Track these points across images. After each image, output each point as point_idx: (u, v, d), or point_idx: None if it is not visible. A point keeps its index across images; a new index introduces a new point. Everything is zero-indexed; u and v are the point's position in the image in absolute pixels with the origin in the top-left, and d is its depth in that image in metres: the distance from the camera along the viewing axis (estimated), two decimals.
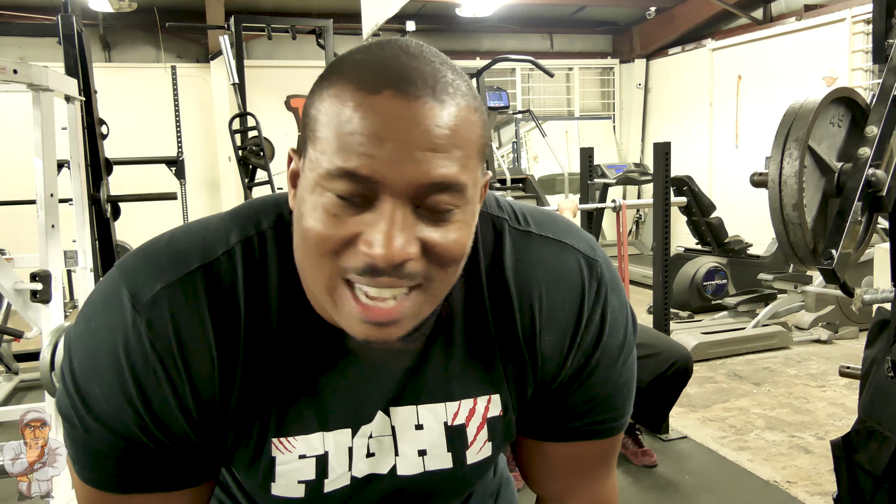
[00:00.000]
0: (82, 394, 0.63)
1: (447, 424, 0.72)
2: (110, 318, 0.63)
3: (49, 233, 2.65)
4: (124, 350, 0.62)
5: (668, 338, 2.86)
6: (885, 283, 2.44)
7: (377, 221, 0.55)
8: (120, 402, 0.62)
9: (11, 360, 3.85)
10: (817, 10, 6.08)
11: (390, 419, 0.71)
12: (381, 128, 0.53)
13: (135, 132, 6.13)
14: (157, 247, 0.66)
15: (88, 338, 0.64)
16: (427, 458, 0.73)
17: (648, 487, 2.67)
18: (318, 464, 0.70)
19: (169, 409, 0.63)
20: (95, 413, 0.63)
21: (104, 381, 0.62)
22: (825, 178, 1.63)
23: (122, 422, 0.62)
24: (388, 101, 0.53)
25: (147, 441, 0.64)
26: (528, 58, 5.66)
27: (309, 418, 0.68)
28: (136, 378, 0.62)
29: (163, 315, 0.62)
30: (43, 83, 2.58)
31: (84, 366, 0.63)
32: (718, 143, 7.18)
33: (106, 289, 0.65)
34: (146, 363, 0.62)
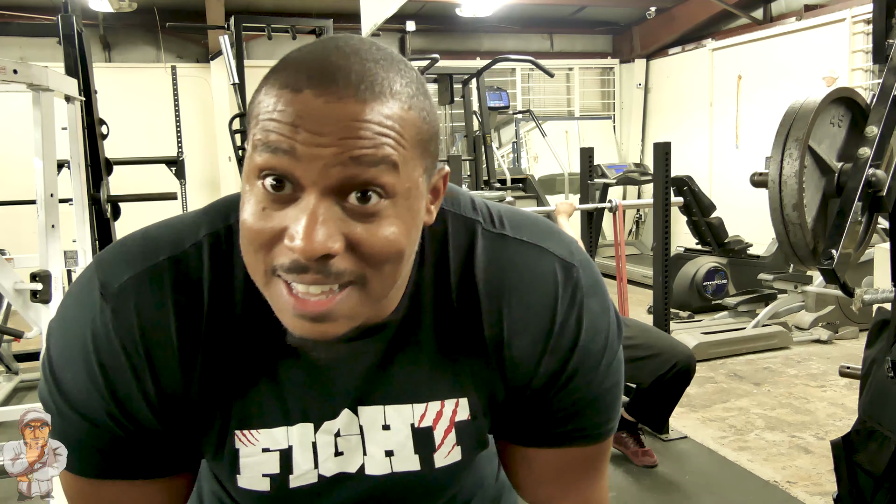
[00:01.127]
0: (57, 381, 0.65)
1: (413, 426, 0.72)
2: (82, 308, 0.65)
3: (49, 233, 2.65)
4: (92, 338, 0.64)
5: (670, 338, 2.86)
6: (885, 283, 2.44)
7: (299, 215, 0.55)
8: (89, 390, 0.64)
9: (11, 360, 3.85)
10: (817, 10, 6.08)
11: (358, 418, 0.71)
12: (299, 125, 0.54)
13: (135, 132, 6.13)
14: (132, 239, 0.69)
15: (62, 326, 0.67)
16: (394, 459, 0.73)
17: (648, 487, 2.68)
18: (281, 458, 0.70)
19: (133, 397, 0.65)
20: (68, 400, 0.65)
21: (75, 368, 0.64)
22: (825, 178, 1.63)
23: (91, 409, 0.65)
24: (308, 99, 0.54)
25: (116, 428, 0.66)
26: (528, 58, 5.67)
27: (271, 411, 0.69)
28: (101, 366, 0.64)
29: (127, 304, 0.64)
30: (43, 83, 2.58)
31: (58, 354, 0.66)
32: (718, 143, 7.18)
33: (81, 279, 0.68)
34: (111, 352, 0.64)
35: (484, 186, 5.23)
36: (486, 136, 5.40)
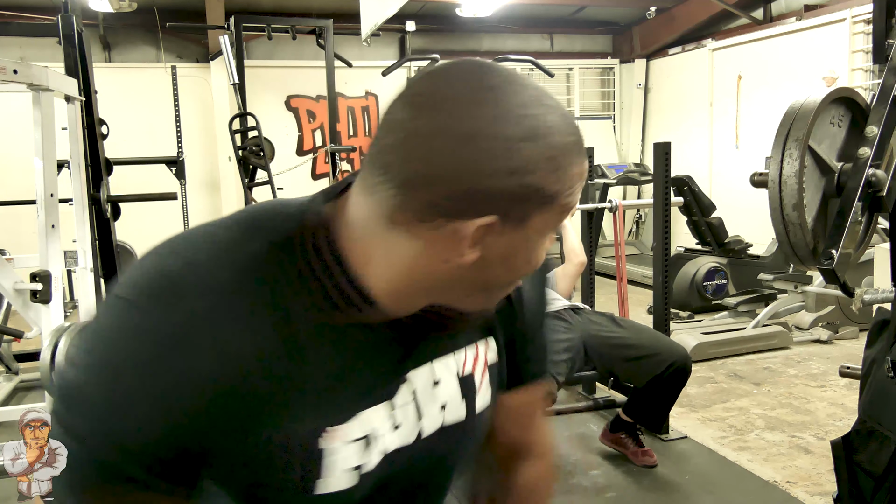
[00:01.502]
0: (115, 427, 0.63)
1: (459, 375, 0.76)
2: (156, 350, 0.61)
3: (49, 233, 2.65)
4: (177, 377, 0.61)
5: (666, 338, 2.86)
6: (885, 283, 2.44)
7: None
8: (161, 429, 0.62)
9: (11, 360, 3.85)
10: (817, 10, 6.08)
11: (412, 384, 0.73)
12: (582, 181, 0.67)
13: (135, 132, 6.13)
14: (174, 269, 0.64)
15: (135, 372, 0.61)
16: (446, 411, 0.76)
17: (648, 487, 2.68)
18: (362, 446, 0.70)
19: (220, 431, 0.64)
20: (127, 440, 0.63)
21: (147, 413, 0.62)
22: (825, 178, 1.62)
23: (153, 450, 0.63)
24: (584, 162, 0.66)
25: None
26: (528, 58, 5.66)
27: (347, 402, 0.69)
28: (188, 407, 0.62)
29: (213, 332, 0.62)
30: (43, 83, 2.59)
31: (123, 400, 0.62)
32: (718, 143, 7.18)
33: (130, 320, 0.62)
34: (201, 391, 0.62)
35: None
36: None
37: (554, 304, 2.95)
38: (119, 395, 0.59)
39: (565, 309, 2.90)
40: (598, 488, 2.67)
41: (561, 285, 3.15)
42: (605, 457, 2.92)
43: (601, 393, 3.56)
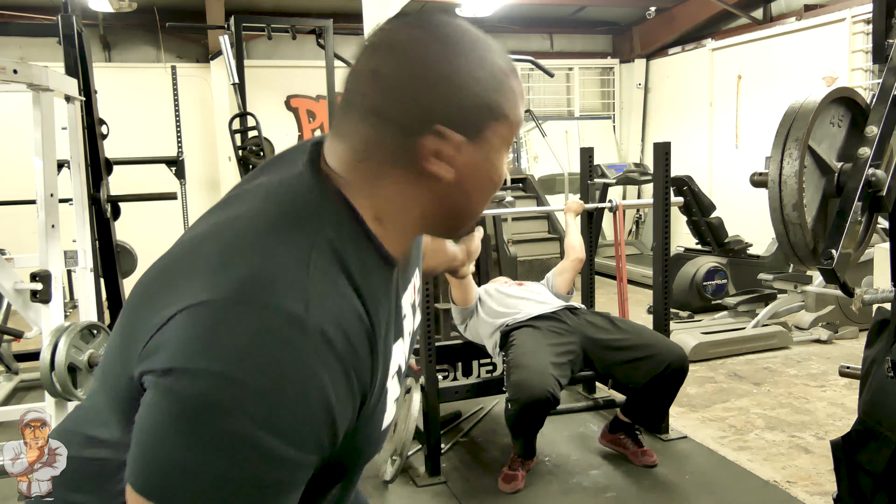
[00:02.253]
0: (272, 427, 0.60)
1: (411, 304, 0.89)
2: (286, 352, 0.60)
3: (49, 233, 2.65)
4: (315, 375, 0.61)
5: (663, 338, 2.86)
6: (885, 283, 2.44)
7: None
8: (314, 423, 0.63)
9: (11, 359, 3.85)
10: (817, 10, 6.08)
11: (405, 316, 0.84)
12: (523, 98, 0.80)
13: (135, 132, 6.13)
14: (256, 271, 0.64)
15: (275, 379, 0.59)
16: (412, 336, 0.89)
17: (648, 487, 2.68)
18: (399, 378, 0.80)
19: (346, 416, 0.66)
20: (284, 443, 0.61)
21: (300, 408, 0.61)
22: (825, 178, 1.62)
23: (310, 444, 0.63)
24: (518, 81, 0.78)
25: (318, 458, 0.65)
26: (528, 58, 5.66)
27: (389, 343, 0.75)
28: (331, 393, 0.63)
29: (328, 320, 0.63)
30: (43, 83, 2.58)
31: (276, 404, 0.60)
32: (718, 143, 7.18)
33: (242, 324, 0.60)
34: (336, 377, 0.63)
35: None
36: None
37: (550, 304, 2.95)
38: (283, 394, 0.58)
39: (563, 310, 2.90)
40: (598, 488, 2.67)
41: (558, 280, 3.15)
42: (605, 457, 2.92)
43: (601, 393, 3.57)
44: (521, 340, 2.72)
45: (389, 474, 2.70)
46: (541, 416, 2.53)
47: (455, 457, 2.99)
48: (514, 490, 2.64)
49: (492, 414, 3.40)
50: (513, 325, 2.83)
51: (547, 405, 2.46)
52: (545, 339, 2.71)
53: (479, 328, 3.03)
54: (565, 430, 3.20)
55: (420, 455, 2.90)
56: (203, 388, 0.57)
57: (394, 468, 2.71)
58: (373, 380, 0.69)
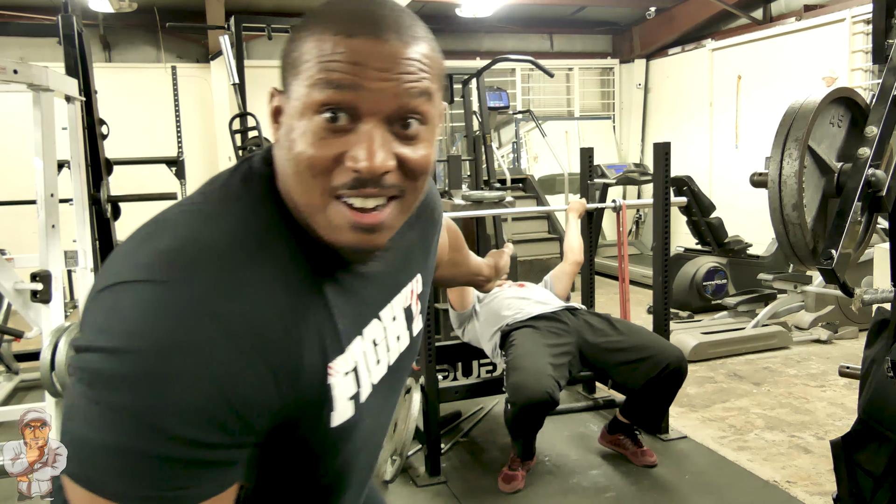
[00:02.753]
0: (165, 408, 0.60)
1: (404, 308, 0.88)
2: (178, 327, 0.60)
3: (49, 233, 2.65)
4: (209, 351, 0.61)
5: (661, 339, 2.86)
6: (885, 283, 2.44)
7: (360, 140, 0.66)
8: (212, 406, 0.62)
9: (11, 360, 3.85)
10: (817, 10, 6.08)
11: (382, 322, 0.82)
12: (360, 63, 0.65)
13: (135, 132, 6.13)
14: (174, 245, 0.65)
15: (162, 356, 0.59)
16: (400, 341, 0.87)
17: (648, 487, 2.68)
18: (354, 375, 0.77)
19: (258, 401, 0.65)
20: (180, 425, 0.61)
21: (192, 387, 0.60)
22: (825, 178, 1.62)
23: (208, 428, 0.62)
24: (363, 43, 0.65)
25: (230, 445, 0.64)
26: (528, 58, 5.66)
27: (337, 337, 0.74)
28: (224, 374, 0.62)
29: (233, 299, 0.63)
30: (43, 83, 2.59)
31: (167, 380, 0.60)
32: (718, 143, 7.18)
33: (149, 300, 0.61)
34: (231, 358, 0.62)
35: (484, 186, 5.23)
36: (486, 136, 5.40)
37: (550, 304, 2.95)
38: (170, 370, 0.58)
39: (562, 310, 2.90)
40: (598, 488, 2.67)
41: (557, 286, 3.15)
42: (604, 457, 2.92)
43: (601, 393, 3.57)
44: (520, 341, 2.72)
45: (389, 474, 2.70)
46: (540, 418, 2.53)
47: (455, 457, 2.99)
48: (513, 490, 2.64)
49: (492, 414, 3.40)
50: (513, 325, 2.83)
51: (546, 406, 2.46)
52: (544, 340, 2.71)
53: (477, 331, 3.02)
54: (565, 430, 3.20)
55: (420, 455, 2.90)
56: (96, 363, 0.59)
57: (394, 468, 2.71)
58: (296, 371, 0.67)
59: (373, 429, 0.84)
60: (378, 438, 0.89)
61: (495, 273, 1.40)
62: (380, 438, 0.90)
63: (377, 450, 0.92)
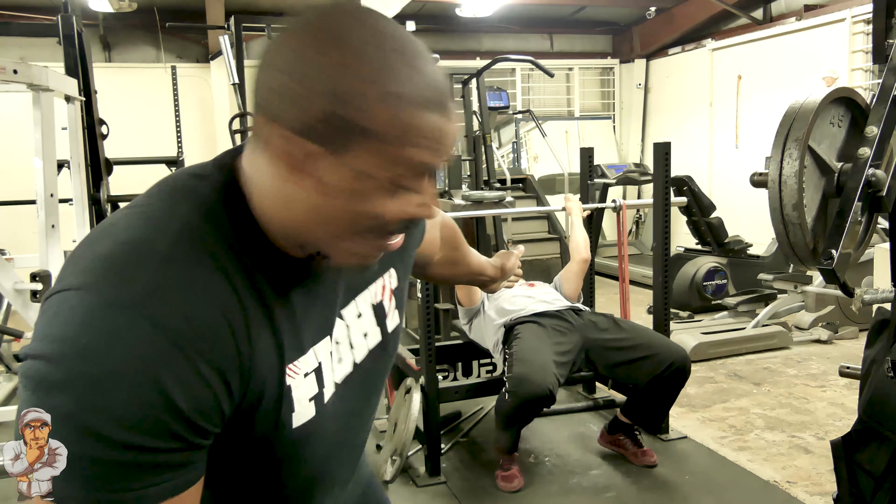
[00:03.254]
0: (105, 412, 0.60)
1: (373, 304, 0.88)
2: (113, 333, 0.59)
3: (49, 233, 2.65)
4: (146, 358, 0.60)
5: (664, 338, 2.86)
6: (885, 283, 2.44)
7: (426, 194, 0.69)
8: (152, 410, 0.61)
9: (11, 360, 3.85)
10: (817, 10, 6.08)
11: (344, 321, 0.83)
12: (441, 139, 0.66)
13: (135, 132, 6.13)
14: (111, 248, 0.64)
15: (99, 364, 0.59)
16: (368, 338, 0.87)
17: (648, 487, 2.68)
18: (317, 376, 0.76)
19: (205, 404, 0.64)
20: (121, 429, 0.60)
21: (131, 394, 0.60)
22: (825, 178, 1.62)
23: (153, 430, 0.62)
24: (442, 121, 0.66)
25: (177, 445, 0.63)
26: (528, 58, 5.66)
27: (294, 337, 0.73)
28: (165, 379, 0.60)
29: (167, 303, 0.62)
30: (43, 83, 2.59)
31: (105, 389, 0.59)
32: (718, 143, 7.18)
33: (76, 308, 0.61)
34: (171, 361, 0.61)
35: (484, 186, 5.23)
36: (486, 136, 5.39)
37: (555, 304, 2.95)
38: (105, 375, 0.58)
39: (566, 309, 2.91)
40: (598, 488, 2.67)
41: (566, 287, 3.14)
42: (604, 457, 2.92)
43: (601, 393, 3.56)
44: (525, 335, 2.73)
45: (389, 474, 2.70)
46: (536, 412, 2.55)
47: (455, 457, 2.99)
48: (517, 488, 2.64)
49: (492, 414, 3.40)
50: (517, 320, 2.84)
51: (545, 401, 2.48)
52: (549, 337, 2.72)
53: (483, 327, 3.03)
54: (565, 430, 3.20)
55: (420, 455, 2.90)
56: (37, 369, 0.59)
57: (394, 468, 2.71)
58: (247, 372, 0.66)
59: (342, 430, 0.83)
60: (352, 439, 0.88)
61: (501, 274, 1.36)
62: (355, 439, 0.89)
63: (353, 451, 0.90)
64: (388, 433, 2.89)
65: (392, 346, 0.92)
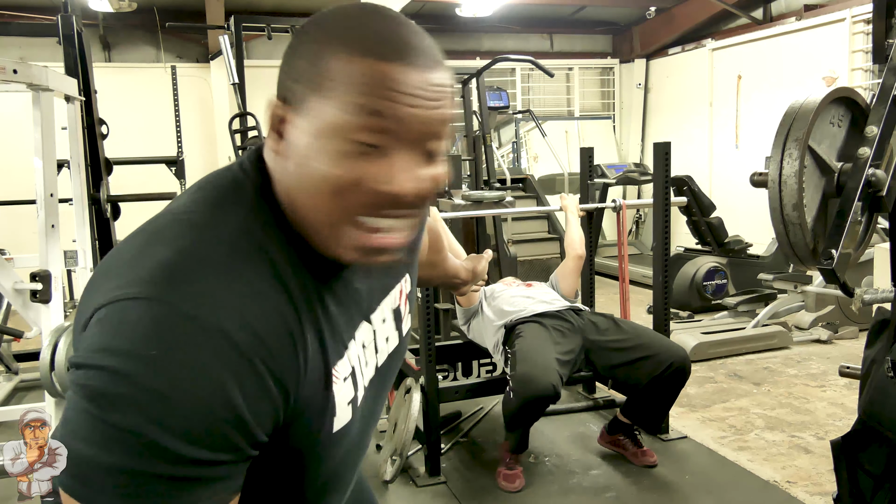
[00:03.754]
0: (176, 435, 0.59)
1: (393, 309, 0.89)
2: (186, 353, 0.59)
3: (49, 233, 2.65)
4: (220, 379, 0.59)
5: (664, 338, 2.86)
6: (885, 283, 2.44)
7: (393, 166, 0.66)
8: (221, 428, 0.61)
9: (11, 360, 3.85)
10: (817, 10, 6.08)
11: (372, 325, 0.83)
12: (394, 89, 0.64)
13: (135, 132, 6.13)
14: (173, 260, 0.63)
15: (173, 387, 0.58)
16: (389, 342, 0.88)
17: (648, 487, 2.68)
18: (353, 379, 0.77)
19: (266, 416, 0.65)
20: (189, 447, 0.60)
21: (202, 414, 0.59)
22: (825, 178, 1.62)
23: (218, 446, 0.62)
24: (398, 68, 0.64)
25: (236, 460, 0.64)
26: (528, 58, 5.66)
27: (336, 342, 0.74)
28: (241, 395, 0.60)
29: (234, 318, 0.62)
30: (43, 83, 2.58)
31: (179, 414, 0.59)
32: (718, 143, 7.18)
33: (141, 328, 0.60)
34: (246, 379, 0.61)
35: (484, 186, 5.23)
36: (486, 135, 5.39)
37: (554, 304, 2.95)
38: (175, 390, 0.58)
39: (566, 310, 2.91)
40: (598, 488, 2.67)
41: (563, 284, 3.14)
42: (604, 457, 2.92)
43: (601, 393, 3.56)
44: (527, 334, 2.73)
45: (389, 474, 2.70)
46: (541, 410, 2.55)
47: (455, 457, 2.99)
48: (519, 488, 2.64)
49: (492, 414, 3.40)
50: (518, 320, 2.84)
51: (549, 400, 2.48)
52: (551, 337, 2.72)
53: (482, 327, 3.03)
54: (565, 430, 3.20)
55: (420, 455, 2.90)
56: (98, 382, 0.58)
57: (394, 468, 2.71)
58: (302, 380, 0.67)
59: (361, 431, 0.84)
60: (364, 441, 0.88)
61: (472, 276, 1.38)
62: (366, 441, 0.89)
63: (362, 452, 0.91)
64: (388, 433, 2.89)
65: (404, 348, 0.93)
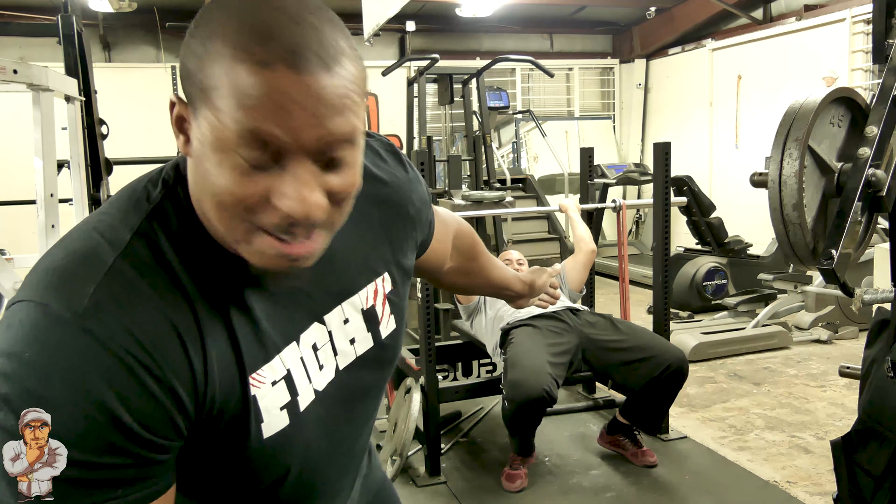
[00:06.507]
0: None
1: (363, 310, 0.83)
2: (56, 348, 0.59)
3: (49, 233, 2.65)
4: (89, 374, 0.59)
5: (662, 340, 2.86)
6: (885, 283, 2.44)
7: (289, 182, 0.61)
8: (98, 431, 0.59)
9: None
10: (817, 10, 6.08)
11: (326, 326, 0.79)
12: (282, 101, 0.58)
13: (135, 132, 6.13)
14: (56, 261, 0.64)
15: (40, 379, 0.58)
16: (356, 344, 0.83)
17: (648, 487, 2.68)
18: (287, 384, 0.73)
19: (155, 417, 0.63)
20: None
21: (76, 415, 0.58)
22: (825, 178, 1.62)
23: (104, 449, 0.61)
24: (284, 77, 0.58)
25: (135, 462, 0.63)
26: (528, 58, 5.66)
27: (260, 345, 0.71)
28: (113, 396, 0.59)
29: (112, 315, 0.60)
30: (43, 83, 2.58)
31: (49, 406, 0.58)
32: (718, 143, 7.18)
33: (25, 321, 0.60)
34: (116, 375, 0.59)
35: (484, 186, 5.23)
36: (486, 136, 5.40)
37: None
38: (46, 391, 0.58)
39: (563, 310, 2.90)
40: (598, 488, 2.67)
41: (572, 277, 3.13)
42: (604, 457, 2.92)
43: (601, 393, 3.56)
44: (519, 339, 2.72)
45: (389, 474, 2.70)
46: (538, 415, 2.54)
47: (455, 457, 2.99)
48: (519, 489, 2.64)
49: (492, 414, 3.40)
50: (513, 324, 2.83)
51: (543, 403, 2.47)
52: (544, 339, 2.71)
53: (483, 328, 3.03)
54: (565, 430, 3.20)
55: (420, 455, 2.90)
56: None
57: (394, 468, 2.71)
58: (200, 383, 0.65)
59: (329, 437, 0.80)
60: (348, 448, 0.86)
61: (529, 290, 1.28)
62: (352, 448, 0.87)
63: (352, 461, 0.88)
64: (388, 433, 2.89)
65: (390, 352, 0.88)
